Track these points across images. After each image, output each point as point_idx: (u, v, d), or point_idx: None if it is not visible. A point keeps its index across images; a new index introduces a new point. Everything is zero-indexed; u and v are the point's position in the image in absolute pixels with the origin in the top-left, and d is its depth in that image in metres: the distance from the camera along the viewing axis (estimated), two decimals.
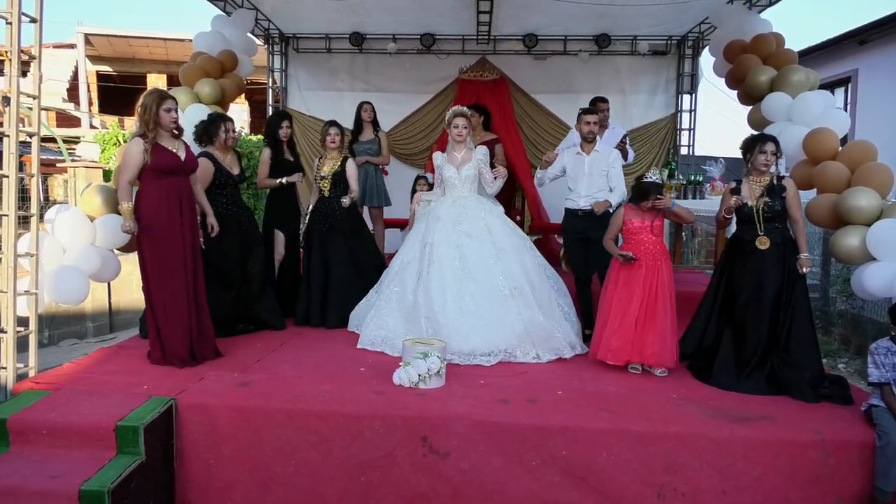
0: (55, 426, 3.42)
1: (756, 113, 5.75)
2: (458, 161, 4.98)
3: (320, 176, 5.56)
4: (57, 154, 13.30)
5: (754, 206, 4.13)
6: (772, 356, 4.08)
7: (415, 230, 5.16)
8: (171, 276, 4.19)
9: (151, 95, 4.21)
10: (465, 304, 4.55)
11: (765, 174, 4.19)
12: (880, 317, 7.10)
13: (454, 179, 4.96)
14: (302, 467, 3.54)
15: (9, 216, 3.90)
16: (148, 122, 4.13)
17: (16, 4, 3.82)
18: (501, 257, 4.69)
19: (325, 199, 5.55)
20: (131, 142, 4.18)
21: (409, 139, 8.41)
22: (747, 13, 6.30)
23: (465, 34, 7.99)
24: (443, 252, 4.70)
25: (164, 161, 4.15)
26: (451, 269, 4.64)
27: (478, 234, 4.75)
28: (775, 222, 4.13)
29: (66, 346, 8.90)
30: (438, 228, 4.81)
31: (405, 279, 4.90)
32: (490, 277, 4.63)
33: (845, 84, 11.91)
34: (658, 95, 8.43)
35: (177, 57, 17.03)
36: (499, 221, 4.92)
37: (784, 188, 4.15)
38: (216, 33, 6.45)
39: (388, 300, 4.93)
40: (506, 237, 4.81)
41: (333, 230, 5.52)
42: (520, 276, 4.66)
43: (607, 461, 3.42)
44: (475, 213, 4.86)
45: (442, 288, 4.61)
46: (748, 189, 4.21)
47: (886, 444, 3.27)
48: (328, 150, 5.61)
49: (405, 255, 5.03)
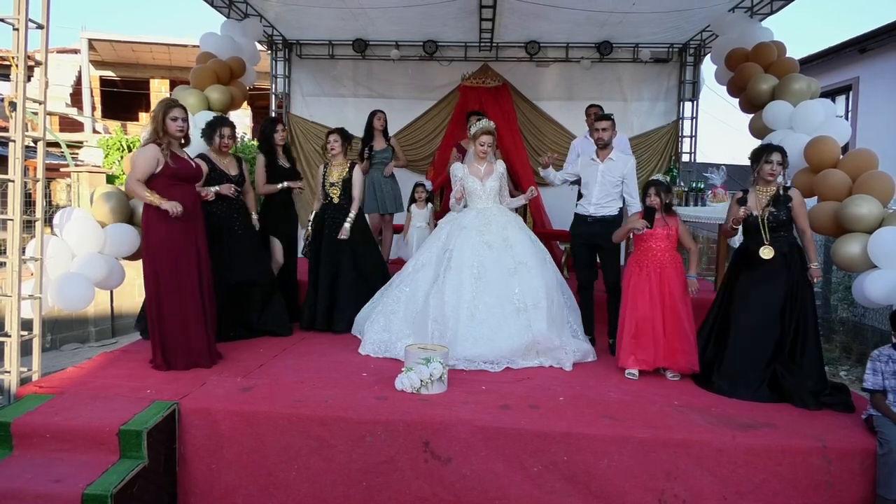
0: (58, 430, 3.43)
1: (757, 121, 5.77)
2: (481, 173, 5.01)
3: (330, 183, 5.56)
4: (60, 159, 13.35)
5: (760, 215, 4.14)
6: (775, 364, 4.08)
7: (435, 236, 5.18)
8: (184, 284, 4.23)
9: (161, 103, 4.29)
10: (478, 313, 4.57)
11: (771, 184, 4.19)
12: (882, 324, 7.10)
13: (479, 192, 4.99)
14: (304, 472, 3.54)
15: (14, 220, 3.92)
16: (157, 130, 4.19)
17: (23, 10, 3.85)
18: (520, 271, 4.70)
19: (335, 205, 5.55)
20: (146, 147, 4.21)
21: (411, 145, 8.43)
22: (749, 21, 6.33)
23: (467, 41, 8.03)
24: (464, 260, 4.73)
25: (182, 169, 4.26)
26: (469, 278, 4.67)
27: (499, 246, 4.78)
28: (781, 231, 4.13)
29: (68, 351, 8.92)
30: (462, 236, 4.84)
31: (418, 280, 4.92)
32: (506, 290, 4.65)
33: (846, 92, 11.93)
34: (660, 103, 8.46)
35: (180, 62, 17.10)
36: (521, 234, 4.94)
37: (790, 198, 4.15)
38: (227, 37, 6.48)
39: (397, 300, 4.95)
40: (527, 251, 4.83)
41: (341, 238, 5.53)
42: (539, 291, 4.66)
43: (608, 467, 3.42)
44: (499, 224, 4.89)
45: (458, 294, 4.63)
46: (754, 199, 4.22)
47: (888, 452, 3.27)
48: (332, 158, 5.62)
49: (422, 258, 5.05)
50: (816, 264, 4.13)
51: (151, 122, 4.26)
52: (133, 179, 4.17)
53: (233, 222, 5.08)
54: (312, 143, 8.51)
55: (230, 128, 5.08)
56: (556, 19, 7.09)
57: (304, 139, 8.59)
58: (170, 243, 4.19)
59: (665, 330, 4.29)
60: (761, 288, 4.14)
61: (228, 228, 5.05)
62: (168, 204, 4.11)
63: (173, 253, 4.20)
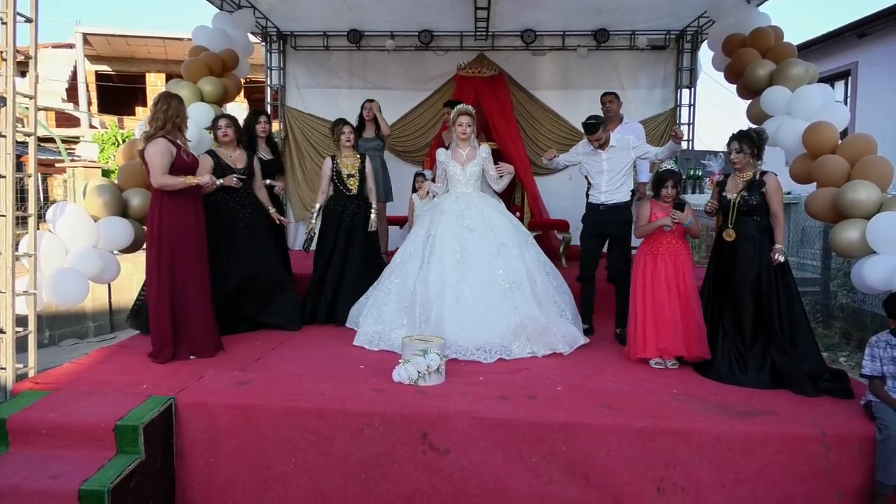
0: (55, 426, 3.42)
1: (755, 107, 5.73)
2: (462, 158, 5.01)
3: (347, 175, 5.51)
4: (56, 154, 13.30)
5: (732, 199, 4.22)
6: (770, 349, 4.10)
7: (418, 224, 5.20)
8: (187, 273, 4.32)
9: (177, 98, 4.38)
10: (463, 296, 4.59)
11: (744, 170, 4.24)
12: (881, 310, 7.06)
13: (459, 176, 4.99)
14: (302, 465, 3.54)
15: (6, 216, 3.90)
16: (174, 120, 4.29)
17: (11, 4, 3.80)
18: (502, 252, 4.73)
19: (353, 196, 5.52)
20: (156, 141, 4.23)
21: (407, 136, 8.40)
22: (746, 7, 6.27)
23: (463, 30, 7.96)
24: (445, 244, 4.76)
25: (192, 162, 4.39)
26: (452, 261, 4.69)
27: (480, 229, 4.80)
28: (754, 216, 4.19)
29: (66, 346, 8.90)
30: (442, 221, 4.88)
31: (407, 271, 4.94)
32: (490, 271, 4.67)
33: (845, 77, 11.88)
34: (657, 90, 8.40)
35: (176, 56, 17.02)
36: (501, 217, 4.96)
37: (764, 183, 4.20)
38: (218, 30, 6.43)
39: (388, 291, 4.95)
40: (507, 232, 4.85)
41: (358, 228, 5.52)
42: (520, 272, 4.69)
43: (607, 456, 3.41)
44: (478, 208, 4.91)
45: (441, 278, 4.65)
46: (733, 183, 4.32)
47: (887, 438, 3.27)
48: (343, 149, 5.57)
49: (409, 248, 5.06)
50: (780, 246, 4.15)
51: (159, 113, 4.26)
52: (158, 174, 4.21)
53: (236, 215, 5.10)
54: (307, 135, 8.47)
55: (226, 119, 5.20)
56: (552, 7, 7.04)
57: (299, 131, 8.55)
58: (180, 232, 4.29)
59: (683, 318, 4.30)
60: (731, 271, 4.25)
61: (231, 221, 5.07)
62: (204, 178, 4.42)
63: (180, 242, 4.29)
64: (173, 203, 4.29)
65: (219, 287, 4.74)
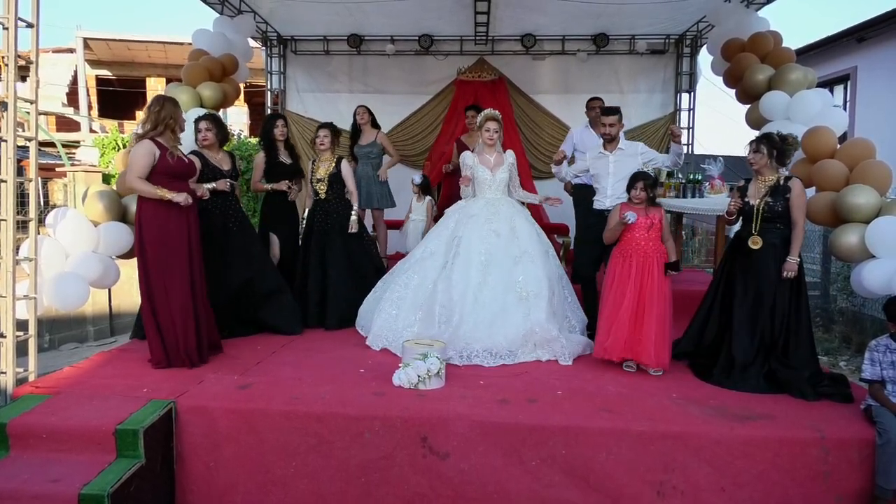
0: (55, 430, 3.42)
1: (754, 111, 5.75)
2: (491, 163, 5.04)
3: (316, 179, 5.56)
4: (56, 158, 13.32)
5: (756, 205, 4.12)
6: (770, 357, 4.09)
7: (442, 224, 5.18)
8: (176, 281, 4.21)
9: (171, 101, 4.33)
10: (481, 297, 4.63)
11: (766, 174, 4.15)
12: (881, 314, 7.05)
13: (489, 182, 5.02)
14: (302, 469, 3.54)
15: (7, 221, 3.90)
16: (167, 122, 4.20)
17: (12, 9, 3.82)
18: (524, 260, 4.76)
19: (322, 201, 5.56)
20: (141, 143, 4.18)
21: (407, 140, 8.41)
22: (745, 11, 6.30)
23: (463, 35, 7.99)
24: (472, 246, 4.80)
25: (177, 165, 4.25)
26: (477, 264, 4.73)
27: (506, 234, 4.85)
28: (777, 223, 4.10)
29: (66, 350, 8.91)
30: (471, 224, 4.91)
31: (427, 268, 4.94)
32: (510, 276, 4.70)
33: (844, 82, 11.89)
34: (656, 94, 8.41)
35: (176, 60, 17.03)
36: (528, 225, 4.99)
37: (788, 189, 4.09)
38: (219, 34, 6.45)
39: (405, 286, 4.94)
40: (532, 242, 4.88)
41: (332, 232, 5.52)
42: (541, 281, 4.70)
43: (607, 460, 3.42)
44: (506, 214, 4.95)
45: (465, 279, 4.69)
46: (755, 188, 4.20)
47: (887, 442, 3.27)
48: (320, 153, 5.62)
49: (429, 246, 5.07)
50: (794, 258, 4.06)
51: (150, 115, 4.22)
52: (133, 177, 4.12)
53: (227, 219, 5.05)
54: (307, 140, 8.49)
55: (206, 121, 5.05)
56: (552, 11, 7.05)
57: (299, 135, 8.56)
58: (163, 240, 4.17)
59: (636, 322, 4.23)
60: (751, 279, 4.16)
61: (223, 226, 5.01)
62: (178, 196, 4.12)
63: (166, 250, 4.18)
64: (156, 210, 4.14)
65: (215, 292, 4.71)
